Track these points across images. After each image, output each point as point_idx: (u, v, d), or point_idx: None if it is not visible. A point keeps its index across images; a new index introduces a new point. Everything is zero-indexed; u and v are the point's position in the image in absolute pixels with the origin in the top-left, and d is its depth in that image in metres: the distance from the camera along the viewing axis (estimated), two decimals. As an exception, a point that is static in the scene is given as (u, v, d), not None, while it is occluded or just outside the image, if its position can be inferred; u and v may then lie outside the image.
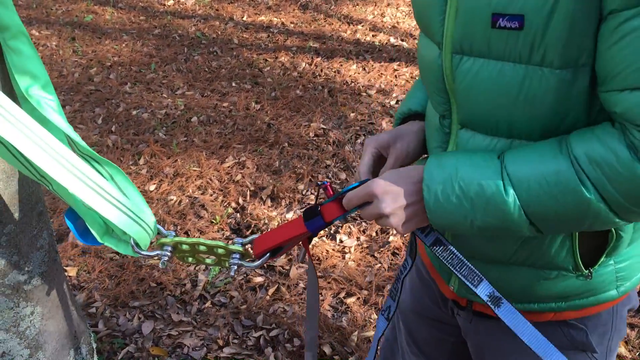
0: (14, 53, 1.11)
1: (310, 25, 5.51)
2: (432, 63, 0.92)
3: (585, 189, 0.77)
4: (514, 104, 0.84)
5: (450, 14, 0.85)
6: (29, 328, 1.45)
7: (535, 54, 0.79)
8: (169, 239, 1.20)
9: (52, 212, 2.93)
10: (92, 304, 2.41)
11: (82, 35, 5.22)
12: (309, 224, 1.06)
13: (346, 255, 2.70)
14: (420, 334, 1.33)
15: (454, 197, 0.85)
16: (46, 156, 1.01)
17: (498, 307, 0.93)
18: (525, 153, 0.83)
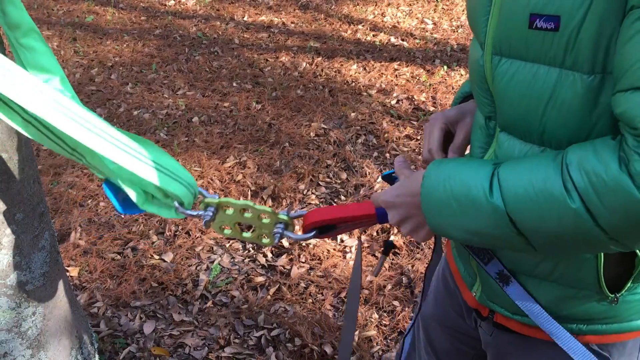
0: (26, 50, 1.12)
1: (310, 25, 5.52)
2: (476, 63, 0.93)
3: (570, 199, 0.75)
4: (544, 109, 0.83)
5: (494, 14, 0.86)
6: (30, 328, 1.45)
7: (568, 56, 0.78)
8: (215, 199, 1.15)
9: (54, 212, 2.94)
10: (93, 304, 2.41)
11: (83, 35, 5.23)
12: (379, 209, 1.02)
13: (347, 254, 2.71)
14: (441, 344, 1.31)
15: (445, 199, 0.86)
16: (75, 124, 1.00)
17: (507, 285, 0.93)
18: (522, 161, 0.82)
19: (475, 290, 1.10)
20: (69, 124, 1.00)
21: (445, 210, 0.87)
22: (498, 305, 1.05)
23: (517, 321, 1.04)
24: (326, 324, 2.31)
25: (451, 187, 0.85)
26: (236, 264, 2.66)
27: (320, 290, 2.51)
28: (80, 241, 2.74)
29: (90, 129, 1.03)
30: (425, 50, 5.00)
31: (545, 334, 1.00)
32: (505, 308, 1.04)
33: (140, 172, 1.07)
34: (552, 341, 0.99)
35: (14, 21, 1.09)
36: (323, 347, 2.22)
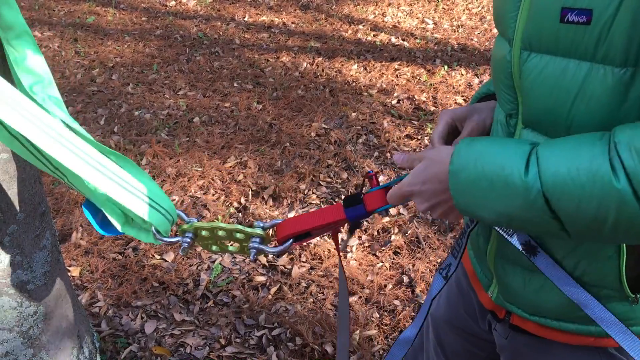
0: (17, 52, 1.13)
1: (311, 25, 5.52)
2: (502, 60, 0.92)
3: (615, 178, 0.71)
4: (572, 103, 0.83)
5: (524, 9, 0.85)
6: (32, 328, 1.46)
7: (599, 50, 0.78)
8: (188, 225, 1.17)
9: (55, 212, 2.94)
10: (95, 304, 2.42)
11: (84, 36, 5.24)
12: (349, 211, 1.02)
13: (348, 254, 2.71)
14: (451, 346, 1.30)
15: (475, 177, 0.83)
16: (58, 146, 1.00)
17: (534, 256, 0.91)
18: (565, 140, 0.79)
19: (492, 291, 1.08)
20: (51, 145, 0.99)
21: (474, 189, 0.83)
22: (515, 306, 1.04)
23: (534, 322, 1.02)
24: (327, 323, 2.32)
25: (482, 165, 0.82)
26: (237, 264, 2.66)
27: (321, 290, 2.51)
28: (82, 241, 2.75)
29: (73, 150, 1.02)
30: (426, 50, 5.00)
31: (563, 335, 0.99)
32: (523, 308, 1.02)
33: (118, 198, 1.08)
34: (569, 344, 0.99)
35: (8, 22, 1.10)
36: (324, 346, 2.22)
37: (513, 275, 1.01)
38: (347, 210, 1.03)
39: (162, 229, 1.16)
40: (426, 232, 2.84)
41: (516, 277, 1.01)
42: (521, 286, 1.01)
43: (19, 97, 0.99)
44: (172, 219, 1.19)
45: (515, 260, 1.00)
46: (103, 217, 1.19)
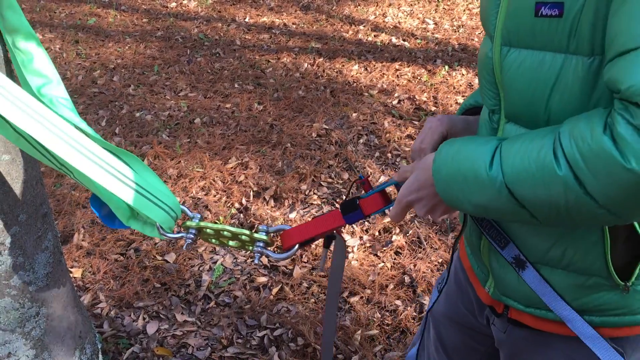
0: (24, 55, 1.14)
1: (312, 26, 5.52)
2: (485, 56, 0.96)
3: (557, 166, 0.75)
4: (550, 94, 0.86)
5: (503, 6, 0.89)
6: (34, 329, 1.46)
7: (572, 41, 0.81)
8: (194, 222, 1.20)
9: (57, 213, 2.95)
10: (97, 305, 2.42)
11: (85, 38, 5.24)
12: (348, 218, 1.09)
13: (349, 254, 2.71)
14: (451, 340, 1.32)
15: (452, 173, 0.89)
16: (64, 144, 1.02)
17: (523, 270, 0.95)
18: (524, 134, 0.84)
19: (489, 286, 1.10)
20: (57, 143, 1.01)
21: (453, 184, 0.89)
22: (512, 299, 1.05)
23: (531, 315, 1.04)
24: (329, 324, 2.32)
25: (458, 161, 0.88)
26: (239, 265, 2.66)
27: (323, 290, 2.51)
28: (84, 242, 2.75)
29: (78, 149, 1.04)
30: (427, 50, 5.00)
31: (560, 327, 1.00)
32: (519, 301, 1.04)
33: (123, 196, 1.10)
34: (566, 335, 1.00)
35: (13, 25, 1.10)
36: (325, 346, 2.23)
37: (507, 269, 1.03)
38: (347, 217, 1.10)
39: (166, 225, 1.18)
40: (427, 232, 2.84)
41: (510, 270, 1.02)
42: (515, 279, 1.02)
43: (25, 96, 0.99)
44: (176, 215, 1.21)
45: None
46: (109, 211, 1.21)
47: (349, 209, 1.10)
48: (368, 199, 1.08)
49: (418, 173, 0.98)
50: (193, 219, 1.21)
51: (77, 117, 1.18)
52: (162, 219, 1.17)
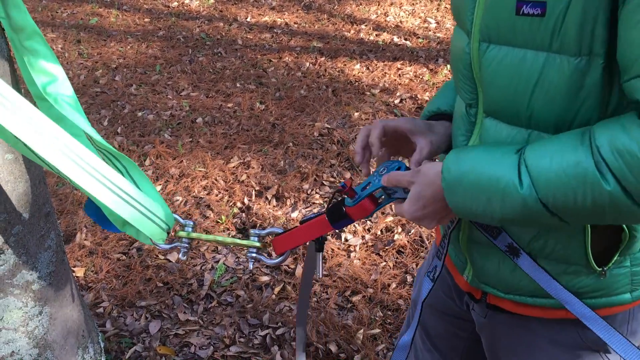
0: (30, 53, 1.14)
1: (313, 25, 5.52)
2: (461, 51, 0.95)
3: (605, 181, 0.75)
4: (532, 92, 0.86)
5: (480, 3, 0.88)
6: (37, 328, 1.47)
7: (555, 40, 0.81)
8: (185, 233, 1.22)
9: (60, 213, 2.95)
10: (99, 304, 2.43)
11: (87, 37, 5.25)
12: (337, 226, 1.10)
13: (351, 253, 2.71)
14: (435, 329, 1.33)
15: (471, 192, 0.86)
16: (60, 155, 1.02)
17: (517, 257, 0.94)
18: (547, 145, 0.82)
19: (467, 274, 1.11)
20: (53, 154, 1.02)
21: (473, 202, 0.87)
22: (490, 286, 1.07)
23: (510, 300, 1.06)
24: (331, 323, 2.32)
25: (477, 179, 0.85)
26: (241, 264, 2.66)
27: (325, 289, 2.51)
28: (86, 242, 2.75)
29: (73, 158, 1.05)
30: (428, 50, 5.00)
31: (539, 311, 1.03)
32: (498, 288, 1.06)
33: (115, 209, 1.11)
34: (548, 318, 1.03)
35: (18, 24, 1.11)
36: (328, 345, 2.23)
37: (487, 258, 1.04)
38: (336, 225, 1.10)
39: (157, 238, 1.21)
40: (429, 231, 2.84)
41: (490, 259, 1.04)
42: (495, 268, 1.03)
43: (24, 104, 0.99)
44: (168, 227, 1.23)
45: (489, 243, 1.02)
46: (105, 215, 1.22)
47: (336, 217, 1.08)
48: (356, 207, 1.06)
49: (422, 189, 0.93)
50: (185, 228, 1.23)
51: (81, 117, 1.18)
52: (153, 233, 1.19)
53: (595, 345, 1.02)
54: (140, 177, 1.21)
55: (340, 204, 1.08)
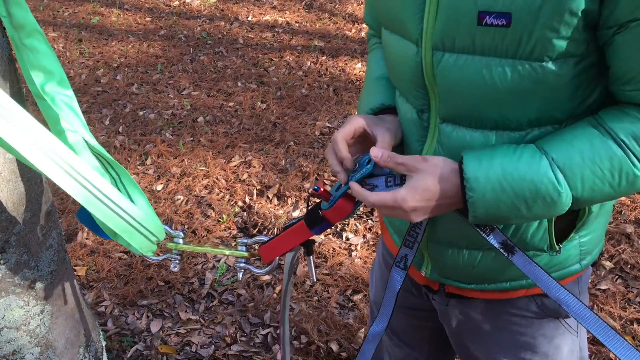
0: (29, 51, 1.14)
1: (315, 24, 5.52)
2: (409, 60, 0.93)
3: (637, 169, 0.82)
4: (502, 97, 0.85)
5: (431, 11, 0.86)
6: (39, 326, 1.47)
7: (522, 49, 0.80)
8: (174, 245, 1.22)
9: (61, 212, 2.96)
10: (101, 303, 2.43)
11: (88, 37, 5.25)
12: (316, 230, 1.08)
13: (352, 252, 2.71)
14: (399, 325, 1.36)
15: (506, 199, 0.85)
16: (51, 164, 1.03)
17: (512, 254, 0.94)
18: (571, 143, 0.84)
19: (425, 269, 1.12)
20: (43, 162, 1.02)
21: (505, 209, 0.86)
22: (452, 279, 1.08)
23: (471, 289, 1.08)
24: (332, 321, 2.32)
25: (511, 187, 0.84)
26: (242, 263, 2.66)
27: (326, 288, 2.51)
28: (87, 241, 2.76)
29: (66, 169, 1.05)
30: (430, 48, 5.00)
31: (499, 293, 1.06)
32: (460, 280, 1.07)
33: (106, 221, 1.11)
34: (506, 298, 1.07)
35: (19, 22, 1.11)
36: (329, 344, 2.23)
37: (448, 256, 1.05)
38: (315, 230, 1.08)
39: (144, 251, 1.20)
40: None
41: (452, 257, 1.05)
42: (457, 264, 1.05)
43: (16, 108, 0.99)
44: (158, 239, 1.23)
45: (450, 243, 1.03)
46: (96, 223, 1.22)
47: (314, 222, 1.06)
48: (332, 209, 1.02)
49: (431, 182, 0.88)
50: (175, 239, 1.23)
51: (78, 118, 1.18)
52: (141, 245, 1.18)
53: (554, 313, 1.07)
54: (132, 185, 1.21)
55: (317, 208, 1.06)
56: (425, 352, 1.39)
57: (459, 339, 1.20)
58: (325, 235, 2.81)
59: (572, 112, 0.87)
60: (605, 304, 2.34)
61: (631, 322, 2.27)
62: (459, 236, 1.02)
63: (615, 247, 2.62)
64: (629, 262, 2.54)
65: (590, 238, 1.03)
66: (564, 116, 0.87)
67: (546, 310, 1.07)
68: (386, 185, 0.92)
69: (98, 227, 1.23)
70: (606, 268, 2.52)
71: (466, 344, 1.18)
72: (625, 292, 2.41)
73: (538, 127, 0.88)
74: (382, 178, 0.93)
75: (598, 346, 2.17)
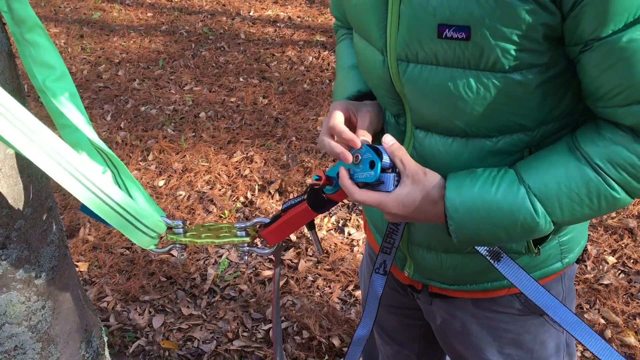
0: (31, 46, 1.13)
1: (317, 19, 5.50)
2: (377, 68, 0.92)
3: (615, 192, 0.81)
4: (470, 106, 0.85)
5: (392, 22, 0.85)
6: (40, 322, 1.47)
7: (484, 61, 0.80)
8: (175, 237, 1.22)
9: (63, 208, 2.96)
10: (103, 299, 2.43)
11: (90, 32, 5.25)
12: (322, 211, 1.09)
13: (354, 248, 2.71)
14: (388, 324, 1.37)
15: (484, 225, 0.85)
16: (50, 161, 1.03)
17: (498, 261, 0.95)
18: (546, 170, 0.83)
19: (408, 270, 1.13)
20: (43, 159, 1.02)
21: (482, 233, 0.86)
22: (434, 281, 1.09)
23: (453, 289, 1.09)
24: (334, 317, 2.32)
25: (489, 215, 0.84)
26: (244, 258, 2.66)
27: (328, 284, 2.51)
28: (89, 237, 2.76)
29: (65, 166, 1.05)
30: (432, 43, 4.98)
31: (481, 293, 1.07)
32: (442, 281, 1.08)
33: (105, 217, 1.11)
34: (490, 297, 1.07)
35: (20, 17, 1.10)
36: (331, 339, 2.23)
37: (429, 259, 1.06)
38: (320, 212, 1.09)
39: (144, 245, 1.21)
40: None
41: (432, 259, 1.05)
42: (438, 266, 1.05)
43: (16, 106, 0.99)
44: (157, 233, 1.23)
45: (430, 246, 1.04)
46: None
47: (319, 205, 1.07)
48: (337, 193, 1.02)
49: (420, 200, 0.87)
50: (175, 229, 1.23)
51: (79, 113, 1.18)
52: (141, 241, 1.19)
53: (538, 310, 1.08)
54: (130, 181, 1.22)
55: (319, 191, 1.05)
56: (415, 349, 1.40)
57: (445, 337, 1.20)
58: (327, 230, 2.81)
59: (542, 120, 0.87)
60: (608, 299, 2.34)
61: (634, 316, 2.27)
62: (438, 240, 1.02)
63: (618, 242, 2.61)
64: (632, 257, 2.53)
65: (570, 237, 1.03)
66: (534, 124, 0.87)
67: (530, 307, 1.08)
68: (393, 185, 0.89)
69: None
70: (609, 263, 2.52)
71: (452, 342, 1.19)
72: (628, 287, 2.40)
73: (509, 134, 0.88)
74: (390, 176, 0.89)
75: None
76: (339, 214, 2.92)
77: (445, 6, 0.78)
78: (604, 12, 0.71)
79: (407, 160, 0.88)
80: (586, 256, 1.12)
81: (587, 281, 2.44)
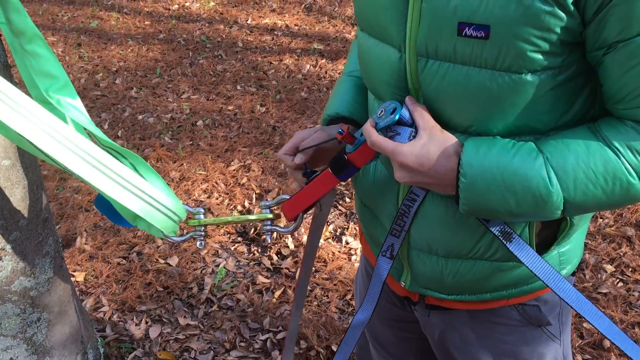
0: (31, 57, 1.13)
1: (314, 27, 5.52)
2: (392, 65, 0.93)
3: (632, 176, 0.82)
4: (482, 106, 0.86)
5: (414, 18, 0.86)
6: (35, 334, 1.46)
7: (500, 61, 0.81)
8: (197, 220, 1.22)
9: (59, 217, 2.95)
10: (99, 309, 2.42)
11: (88, 41, 5.25)
12: (342, 176, 1.06)
13: (352, 257, 2.70)
14: (385, 337, 1.36)
15: (496, 189, 0.84)
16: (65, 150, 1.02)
17: (509, 242, 0.94)
18: (567, 144, 0.84)
19: (404, 280, 1.12)
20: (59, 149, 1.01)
21: (496, 200, 0.85)
22: (431, 290, 1.09)
23: (452, 300, 1.08)
24: (332, 326, 2.31)
25: (502, 178, 0.83)
26: (241, 267, 2.66)
27: (326, 293, 2.50)
28: (86, 246, 2.75)
29: (80, 155, 1.04)
30: (429, 51, 4.99)
31: (480, 304, 1.06)
32: (439, 291, 1.07)
33: (126, 203, 1.09)
34: (487, 309, 1.07)
35: (19, 28, 1.10)
36: (329, 349, 2.22)
37: (429, 264, 1.05)
38: (341, 176, 1.07)
39: (168, 231, 1.18)
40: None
41: (432, 265, 1.05)
42: (438, 273, 1.05)
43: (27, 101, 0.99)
44: (179, 218, 1.21)
45: (431, 249, 1.03)
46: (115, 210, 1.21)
47: (339, 166, 1.05)
48: (359, 152, 1.01)
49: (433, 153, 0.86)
50: (197, 216, 1.22)
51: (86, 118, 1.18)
52: (165, 225, 1.17)
53: (536, 321, 1.08)
54: (148, 171, 1.20)
55: (342, 153, 1.05)
56: None
57: (442, 349, 1.20)
58: (325, 239, 2.80)
59: (553, 124, 0.88)
60: (607, 307, 2.33)
61: (632, 325, 2.26)
62: (440, 243, 1.02)
63: (616, 250, 2.61)
64: (630, 265, 2.53)
65: (569, 248, 1.04)
66: (545, 128, 0.88)
67: (528, 318, 1.08)
68: (408, 138, 0.90)
69: (116, 214, 1.22)
70: (607, 271, 2.51)
71: (449, 354, 1.18)
72: (627, 295, 2.39)
73: (518, 135, 0.88)
74: (407, 129, 0.91)
75: (599, 350, 2.16)
76: (337, 223, 2.91)
77: (466, 5, 0.79)
78: (630, 14, 0.73)
79: (427, 115, 0.90)
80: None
81: (586, 290, 2.43)
